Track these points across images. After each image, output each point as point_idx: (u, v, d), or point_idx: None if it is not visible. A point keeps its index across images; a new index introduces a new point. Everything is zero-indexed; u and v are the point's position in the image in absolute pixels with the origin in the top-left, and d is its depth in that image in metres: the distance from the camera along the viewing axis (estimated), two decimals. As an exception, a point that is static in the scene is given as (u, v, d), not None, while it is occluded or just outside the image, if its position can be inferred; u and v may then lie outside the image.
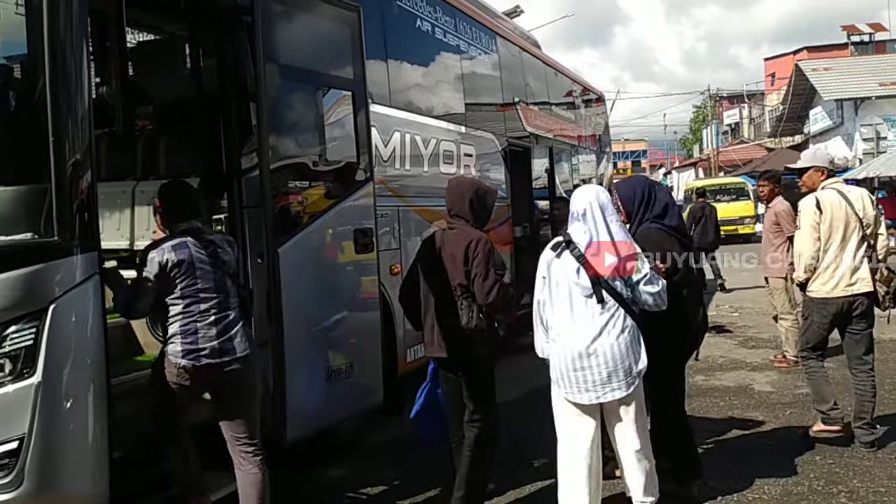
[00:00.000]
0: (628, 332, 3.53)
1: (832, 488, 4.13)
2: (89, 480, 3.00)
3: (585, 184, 11.52)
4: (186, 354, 3.28)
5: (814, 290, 4.77)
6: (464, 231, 3.86)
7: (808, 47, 38.74)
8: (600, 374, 3.51)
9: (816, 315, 4.81)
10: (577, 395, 3.57)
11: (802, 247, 4.77)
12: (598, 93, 13.75)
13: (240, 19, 4.02)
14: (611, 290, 3.52)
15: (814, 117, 30.53)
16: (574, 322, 3.56)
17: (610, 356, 3.50)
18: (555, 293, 3.63)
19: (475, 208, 3.93)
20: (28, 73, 3.06)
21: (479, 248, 3.75)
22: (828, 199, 4.75)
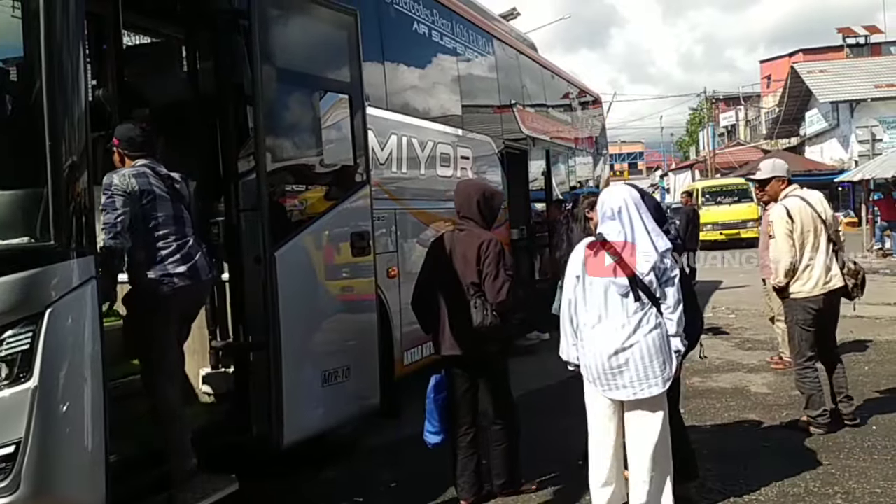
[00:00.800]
0: (662, 330, 3.59)
1: (828, 489, 4.14)
2: (86, 484, 3.00)
3: (582, 185, 11.63)
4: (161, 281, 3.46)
5: (795, 291, 5.05)
6: (474, 232, 4.04)
7: (803, 49, 38.93)
8: (636, 371, 3.55)
9: (801, 314, 5.06)
10: (616, 392, 3.61)
11: (780, 253, 5.04)
12: (595, 95, 13.77)
13: (236, 23, 4.02)
14: (645, 289, 3.57)
15: (809, 119, 30.65)
16: (609, 320, 3.60)
17: (646, 352, 3.55)
18: (589, 292, 3.66)
19: (482, 209, 4.11)
20: (25, 75, 3.06)
21: (490, 249, 3.95)
22: (795, 206, 5.08)
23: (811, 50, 38.11)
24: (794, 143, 33.76)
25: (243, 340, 4.00)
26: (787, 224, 5.01)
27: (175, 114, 4.60)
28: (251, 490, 4.15)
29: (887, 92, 26.55)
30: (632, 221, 3.63)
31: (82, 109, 3.02)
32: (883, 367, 6.82)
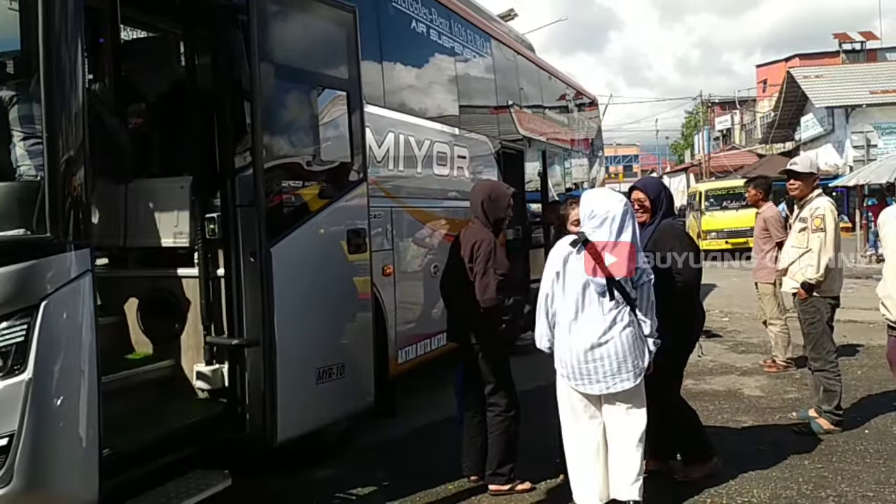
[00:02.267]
0: (634, 327, 3.76)
1: (820, 492, 4.15)
2: (79, 478, 2.99)
3: (578, 187, 11.64)
4: None
5: (826, 289, 5.12)
6: (475, 231, 4.34)
7: (799, 55, 39.01)
8: (610, 366, 3.72)
9: (828, 312, 5.17)
10: (588, 387, 3.77)
11: (828, 249, 5.08)
12: (591, 97, 13.79)
13: (235, 18, 4.00)
14: (621, 290, 3.72)
15: (805, 124, 30.69)
16: (584, 317, 3.76)
17: (620, 348, 3.72)
18: (567, 288, 3.80)
19: (486, 210, 4.36)
20: (22, 68, 3.05)
21: (481, 248, 4.22)
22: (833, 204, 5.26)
23: (807, 55, 38.21)
24: (790, 147, 33.79)
25: (238, 336, 3.99)
26: (836, 219, 5.15)
27: (172, 109, 4.58)
28: (244, 486, 4.15)
29: (882, 98, 26.57)
30: (621, 228, 3.72)
31: (80, 103, 3.01)
32: (875, 371, 6.84)
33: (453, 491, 4.36)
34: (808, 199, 5.30)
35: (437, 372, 6.61)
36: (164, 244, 4.23)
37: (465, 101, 7.50)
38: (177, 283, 4.20)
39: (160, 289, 4.23)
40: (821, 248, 5.07)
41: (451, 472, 4.52)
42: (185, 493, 3.52)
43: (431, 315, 6.43)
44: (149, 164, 4.54)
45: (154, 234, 4.23)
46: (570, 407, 3.87)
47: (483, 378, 4.34)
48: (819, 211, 5.17)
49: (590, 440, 3.83)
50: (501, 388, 4.33)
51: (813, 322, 5.18)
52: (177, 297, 4.19)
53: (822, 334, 5.16)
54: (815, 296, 5.13)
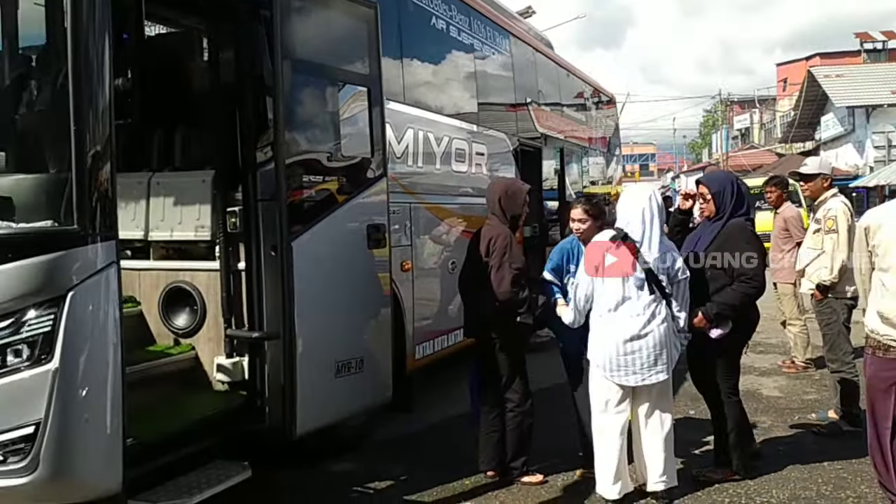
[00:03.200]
0: (670, 321, 3.90)
1: (840, 493, 4.13)
2: (103, 467, 3.03)
3: (595, 184, 11.62)
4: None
5: (843, 290, 5.07)
6: (492, 227, 4.38)
7: (820, 53, 38.68)
8: (648, 358, 3.85)
9: (846, 313, 5.13)
10: (624, 378, 3.89)
11: (841, 249, 5.04)
12: (609, 95, 13.74)
13: (258, 14, 4.03)
14: (658, 285, 3.87)
15: (825, 124, 30.47)
16: (624, 309, 3.87)
17: (657, 341, 3.85)
18: (607, 281, 3.93)
19: (503, 206, 4.39)
20: (51, 63, 3.09)
21: (497, 244, 4.25)
22: (847, 204, 5.21)
23: (828, 54, 37.88)
24: (810, 147, 33.56)
25: (258, 329, 4.02)
26: (850, 220, 5.10)
27: (195, 103, 4.62)
28: (263, 478, 4.19)
29: (904, 98, 26.36)
30: (653, 222, 3.90)
31: (107, 97, 3.06)
32: (895, 372, 6.77)
33: (470, 486, 4.38)
34: (823, 200, 5.29)
35: (453, 368, 6.63)
36: (185, 237, 4.27)
37: (484, 98, 7.50)
38: (198, 276, 4.25)
39: (182, 281, 4.27)
40: (834, 250, 5.07)
41: (468, 466, 4.54)
42: (205, 483, 3.55)
43: (448, 311, 6.44)
44: (171, 159, 4.58)
45: (176, 228, 4.28)
46: (602, 399, 3.99)
47: (499, 373, 4.37)
48: (832, 212, 5.18)
49: (616, 432, 3.95)
50: (516, 383, 4.37)
51: (829, 323, 5.17)
52: (198, 289, 4.23)
53: (838, 335, 5.15)
54: (830, 297, 5.11)
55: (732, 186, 4.28)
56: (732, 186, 4.28)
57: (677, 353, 3.99)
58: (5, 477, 2.85)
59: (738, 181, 4.40)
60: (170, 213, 4.30)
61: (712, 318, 4.09)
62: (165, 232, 4.33)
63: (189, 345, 4.27)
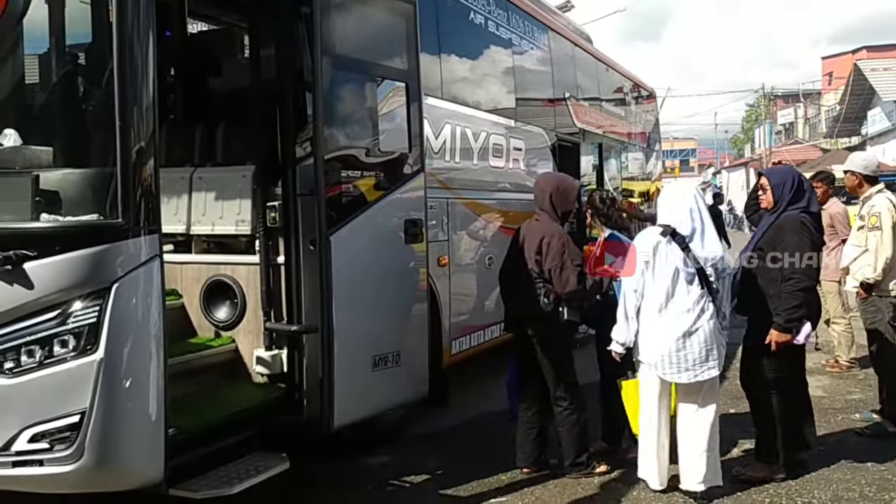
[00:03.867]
0: (717, 316, 3.91)
1: (884, 495, 4.05)
2: (146, 456, 3.10)
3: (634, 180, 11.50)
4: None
5: (887, 289, 4.98)
6: (542, 224, 4.34)
7: (867, 47, 37.70)
8: (700, 354, 3.85)
9: (889, 314, 5.01)
10: (677, 375, 3.89)
11: (885, 246, 4.97)
12: (649, 89, 13.58)
13: (298, 10, 4.06)
14: (706, 279, 3.86)
15: (872, 118, 29.73)
16: (674, 305, 3.87)
17: (707, 336, 3.85)
18: (658, 276, 3.92)
19: (555, 203, 4.35)
20: (97, 60, 3.16)
21: (553, 243, 4.22)
22: (893, 201, 5.11)
23: (876, 47, 36.90)
24: (855, 142, 32.76)
25: (297, 323, 4.07)
26: (894, 217, 5.01)
27: (236, 100, 4.69)
28: (301, 470, 4.24)
29: (955, 91, 25.65)
30: (702, 216, 3.94)
31: (151, 94, 3.11)
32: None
33: (506, 482, 4.38)
34: (868, 196, 5.19)
35: (490, 363, 6.63)
36: (226, 231, 4.34)
37: (522, 93, 7.47)
38: (238, 270, 4.31)
39: (222, 275, 4.34)
40: (878, 247, 4.97)
41: (503, 462, 4.55)
42: (244, 474, 3.60)
43: (485, 307, 6.44)
44: (213, 154, 4.65)
45: (217, 222, 4.35)
46: (654, 396, 4.00)
47: (544, 372, 4.34)
48: (875, 209, 5.09)
49: (662, 428, 4.02)
50: (566, 381, 4.34)
51: (874, 322, 5.08)
52: (238, 283, 4.29)
53: (884, 335, 5.03)
54: (874, 295, 5.01)
55: (792, 179, 4.21)
56: (792, 179, 4.21)
57: (724, 349, 3.97)
58: (52, 464, 2.93)
59: (801, 176, 4.33)
60: (211, 208, 4.37)
61: (790, 329, 4.03)
62: (207, 226, 4.40)
63: (229, 337, 4.33)
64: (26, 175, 3.03)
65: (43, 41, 3.38)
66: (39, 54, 3.45)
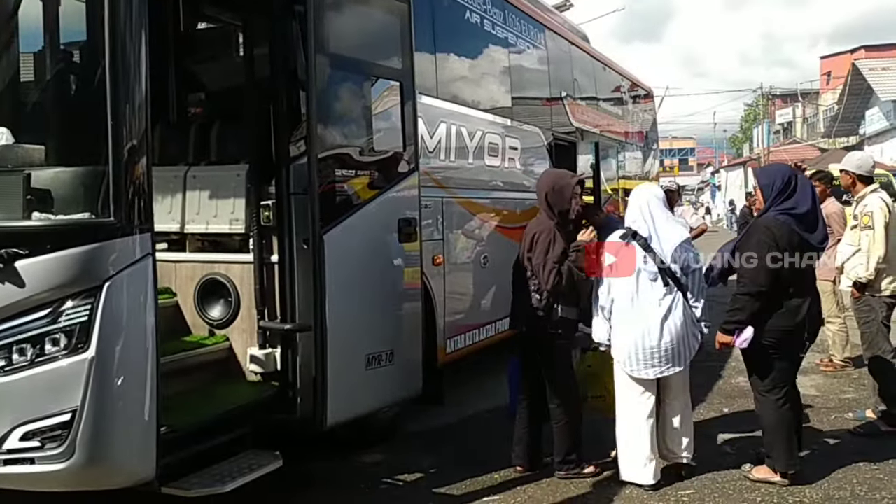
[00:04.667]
0: (687, 314, 4.05)
1: (875, 494, 4.05)
2: (138, 454, 3.10)
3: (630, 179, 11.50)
4: None
5: (883, 288, 5.05)
6: (539, 221, 4.41)
7: (866, 46, 37.69)
8: (666, 352, 4.01)
9: (884, 311, 5.08)
10: (643, 372, 4.06)
11: (878, 246, 5.00)
12: (647, 89, 13.58)
13: (292, 9, 4.07)
14: (672, 276, 4.02)
15: (870, 118, 29.75)
16: (639, 304, 4.04)
17: (675, 335, 4.01)
18: (621, 278, 4.11)
19: (550, 201, 4.32)
20: (90, 59, 3.16)
21: (539, 239, 4.27)
22: (888, 200, 5.14)
23: (874, 47, 36.89)
24: (853, 142, 32.78)
25: (290, 321, 4.07)
26: (888, 216, 5.04)
27: (230, 98, 4.69)
28: (295, 468, 4.25)
29: (953, 91, 25.66)
30: (653, 218, 4.13)
31: (144, 93, 3.11)
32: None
33: (499, 480, 4.38)
34: (862, 195, 5.20)
35: (487, 362, 6.64)
36: (220, 230, 4.34)
37: (518, 92, 7.47)
38: (232, 269, 4.32)
39: (216, 273, 4.34)
40: (870, 247, 4.99)
41: (498, 460, 4.56)
42: (237, 472, 3.61)
43: (481, 305, 6.45)
44: (207, 152, 4.65)
45: (211, 221, 4.35)
46: (625, 391, 4.17)
47: (540, 369, 4.36)
48: (868, 208, 5.11)
49: (643, 419, 4.12)
50: (563, 380, 4.34)
51: (868, 321, 5.10)
52: (232, 282, 4.30)
53: (876, 334, 5.06)
54: (867, 294, 5.03)
55: (781, 179, 4.09)
56: (781, 179, 4.09)
57: (697, 343, 4.14)
58: (43, 462, 2.94)
59: (793, 174, 4.16)
60: (205, 207, 4.37)
61: (730, 331, 4.06)
62: (201, 225, 4.40)
63: (223, 336, 4.34)
64: (18, 173, 3.03)
65: (35, 39, 3.39)
66: (32, 52, 3.46)
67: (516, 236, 7.05)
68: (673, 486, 4.19)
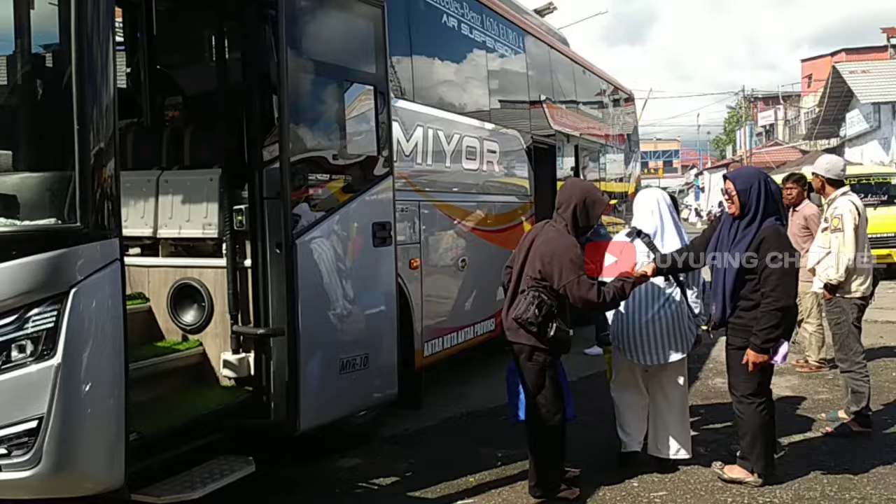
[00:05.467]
0: (684, 307, 4.31)
1: (845, 494, 4.09)
2: (106, 461, 3.08)
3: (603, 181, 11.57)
4: None
5: (853, 290, 5.09)
6: (558, 234, 3.99)
7: (846, 49, 38.08)
8: (662, 339, 4.27)
9: (855, 313, 5.12)
10: (642, 358, 4.32)
11: (847, 248, 5.04)
12: (628, 92, 13.66)
13: (264, 13, 4.07)
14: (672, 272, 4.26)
15: (850, 120, 29.98)
16: (640, 295, 4.25)
17: (671, 323, 4.27)
18: None
19: (578, 216, 4.01)
20: (55, 62, 3.14)
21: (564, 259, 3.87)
22: (858, 203, 5.18)
23: (854, 50, 37.26)
24: (834, 144, 33.08)
25: (264, 326, 4.06)
26: (857, 219, 5.09)
27: (204, 102, 4.68)
28: (269, 473, 4.24)
29: (931, 94, 25.87)
30: (662, 218, 4.43)
31: (111, 97, 3.10)
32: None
33: (475, 483, 4.39)
34: (832, 199, 5.25)
35: (465, 365, 6.66)
36: (193, 235, 4.33)
37: (496, 95, 7.49)
38: (206, 273, 4.30)
39: (190, 278, 4.32)
40: (839, 249, 5.03)
41: (473, 463, 4.57)
42: (209, 478, 3.59)
43: (459, 309, 6.47)
44: (181, 157, 4.64)
45: (184, 225, 4.33)
46: (623, 375, 4.51)
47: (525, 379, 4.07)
48: (837, 211, 5.15)
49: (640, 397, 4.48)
50: (539, 394, 4.01)
51: (839, 322, 5.14)
52: (205, 286, 4.28)
53: (847, 335, 5.10)
54: (838, 296, 5.08)
55: (759, 185, 4.09)
56: (759, 185, 4.09)
57: (693, 336, 4.34)
58: (9, 470, 2.91)
59: (768, 179, 4.18)
60: (178, 211, 4.36)
61: (766, 350, 3.98)
62: (174, 229, 4.38)
63: (197, 341, 4.32)
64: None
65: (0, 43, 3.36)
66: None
67: (494, 239, 7.11)
68: (645, 488, 4.22)
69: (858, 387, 5.06)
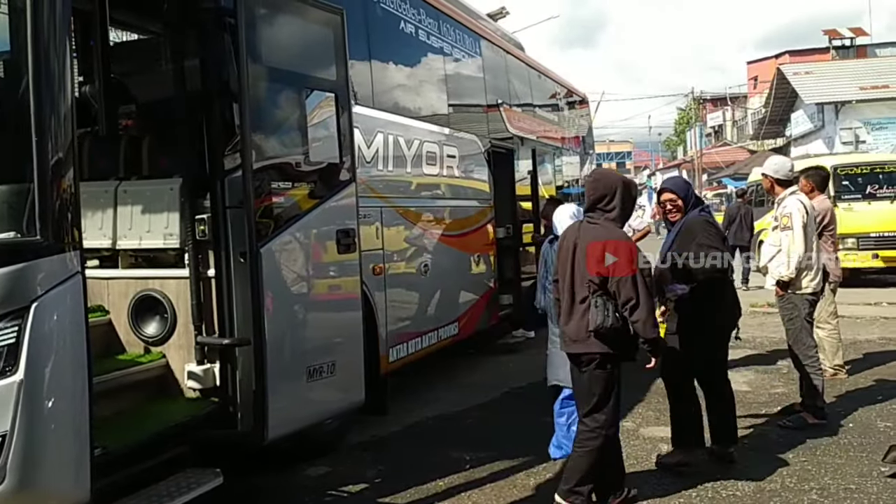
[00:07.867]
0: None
1: (804, 485, 4.21)
2: (71, 477, 3.01)
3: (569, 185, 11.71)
4: None
5: (804, 286, 5.25)
6: (606, 227, 3.83)
7: (790, 51, 39.13)
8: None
9: (807, 308, 5.30)
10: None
11: (797, 246, 5.16)
12: (582, 95, 13.84)
13: (223, 21, 4.04)
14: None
15: (795, 120, 30.82)
16: None
17: None
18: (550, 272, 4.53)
19: (625, 200, 3.86)
20: (11, 71, 3.08)
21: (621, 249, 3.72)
22: (806, 202, 5.32)
23: (797, 51, 38.32)
24: (780, 143, 33.96)
25: (229, 336, 4.02)
26: (805, 217, 5.21)
27: (162, 111, 4.61)
28: (236, 485, 4.20)
29: (872, 94, 26.69)
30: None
31: (69, 106, 3.04)
32: (861, 365, 6.92)
33: (444, 487, 4.41)
34: (781, 198, 5.40)
35: (429, 369, 6.67)
36: (154, 245, 4.26)
37: (454, 100, 7.54)
38: (168, 284, 4.23)
39: (151, 290, 4.25)
40: (790, 247, 5.18)
41: (442, 467, 4.59)
42: (176, 491, 3.55)
43: (423, 313, 6.48)
44: (139, 166, 4.56)
45: (144, 236, 4.26)
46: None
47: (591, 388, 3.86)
48: (786, 210, 5.29)
49: None
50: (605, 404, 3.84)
51: (791, 318, 5.30)
52: (168, 297, 4.21)
53: (800, 330, 5.27)
54: (790, 293, 5.23)
55: (692, 188, 4.71)
56: (692, 188, 4.71)
57: None
58: (-28, 488, 2.84)
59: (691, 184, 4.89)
60: (138, 222, 4.29)
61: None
62: (134, 240, 4.30)
63: (160, 353, 4.25)
64: (-62, 193, 2.93)
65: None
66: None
67: (456, 244, 7.16)
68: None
69: (813, 379, 5.21)
